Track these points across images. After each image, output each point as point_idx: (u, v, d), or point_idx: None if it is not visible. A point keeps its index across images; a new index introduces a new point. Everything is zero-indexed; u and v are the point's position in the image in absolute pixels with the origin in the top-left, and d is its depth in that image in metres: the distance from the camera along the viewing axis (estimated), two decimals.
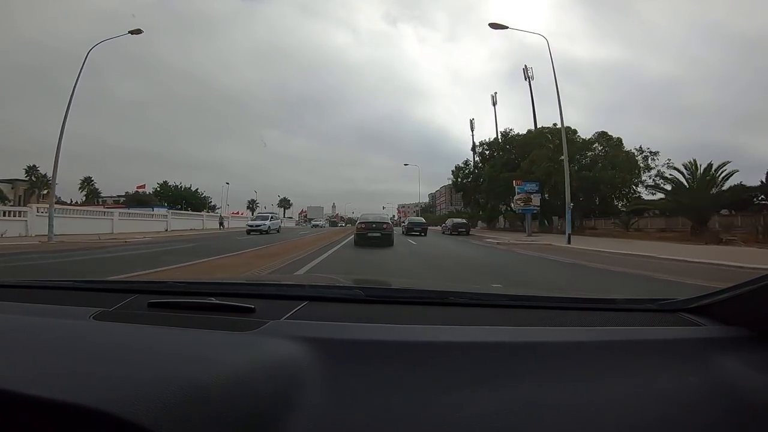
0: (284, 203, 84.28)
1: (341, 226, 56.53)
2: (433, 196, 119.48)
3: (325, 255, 9.12)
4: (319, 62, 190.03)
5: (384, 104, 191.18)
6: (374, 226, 12.47)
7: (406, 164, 46.58)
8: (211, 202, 54.25)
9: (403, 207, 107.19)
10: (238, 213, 58.43)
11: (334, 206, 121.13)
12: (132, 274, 5.11)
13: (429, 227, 23.47)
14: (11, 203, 32.03)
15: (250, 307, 0.76)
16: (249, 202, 74.54)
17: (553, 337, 0.67)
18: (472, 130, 40.56)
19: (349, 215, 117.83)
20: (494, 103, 38.03)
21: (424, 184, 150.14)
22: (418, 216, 35.18)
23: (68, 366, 0.50)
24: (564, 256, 9.92)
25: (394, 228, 15.38)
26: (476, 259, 9.64)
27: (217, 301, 0.79)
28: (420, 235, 19.99)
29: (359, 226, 12.94)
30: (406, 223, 24.14)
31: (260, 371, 0.52)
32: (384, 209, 55.70)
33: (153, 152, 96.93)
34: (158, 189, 47.59)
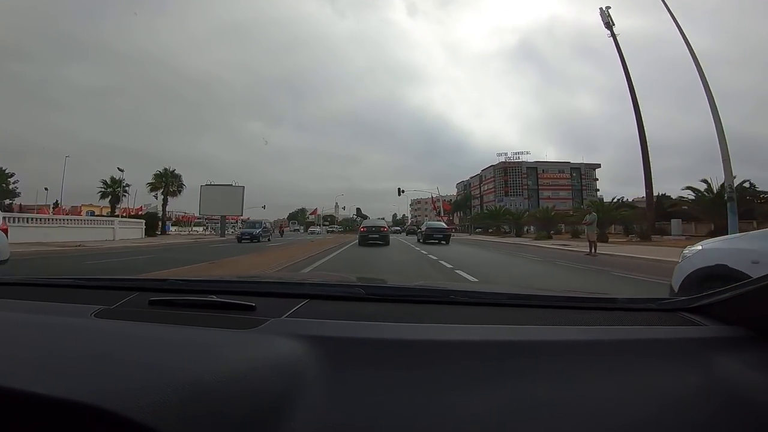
0: (162, 182, 36.83)
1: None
2: (465, 185, 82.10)
3: None
4: (299, 39, 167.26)
5: (374, 91, 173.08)
6: (374, 229, 17.09)
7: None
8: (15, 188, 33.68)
9: (450, 201, 71.87)
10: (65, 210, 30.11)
11: (337, 205, 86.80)
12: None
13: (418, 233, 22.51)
14: None
15: (251, 305, 0.76)
16: (106, 183, 35.38)
17: (554, 336, 0.67)
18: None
19: (341, 214, 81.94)
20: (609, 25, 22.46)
21: (425, 183, 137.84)
22: (435, 220, 28.44)
23: (70, 363, 0.50)
24: None
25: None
26: None
27: (218, 299, 0.79)
28: (441, 244, 17.56)
29: (362, 229, 17.53)
30: (423, 229, 20.44)
31: (261, 369, 0.52)
32: (402, 193, 39.93)
33: (129, 149, 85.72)
34: None
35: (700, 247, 3.04)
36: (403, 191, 38.20)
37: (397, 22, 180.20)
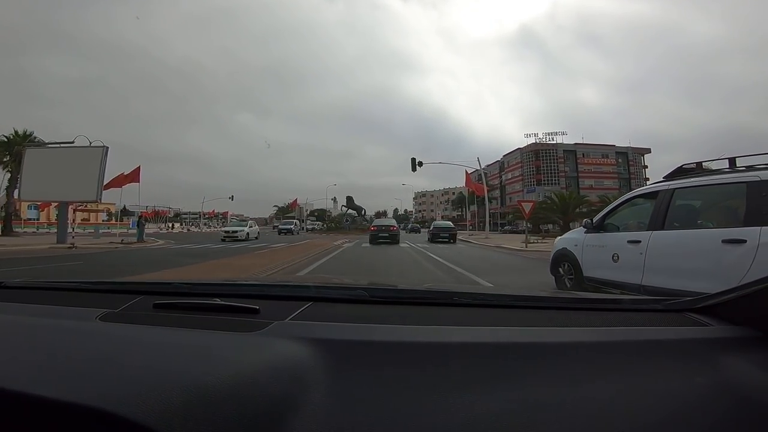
0: (6, 153, 19.31)
1: None
2: (481, 175, 68.51)
3: None
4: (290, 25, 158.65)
5: (367, 82, 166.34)
6: (383, 228, 18.12)
7: None
8: None
9: (461, 193, 59.94)
10: None
11: (335, 200, 74.36)
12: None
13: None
14: None
15: (255, 308, 0.76)
16: None
17: (559, 338, 0.67)
18: None
19: (330, 207, 68.43)
20: None
21: (424, 178, 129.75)
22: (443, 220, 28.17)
23: (74, 366, 0.50)
24: None
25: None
26: None
27: (222, 302, 0.79)
28: (449, 242, 18.38)
29: (372, 228, 18.53)
30: (431, 228, 21.80)
31: (265, 372, 0.52)
32: (420, 167, 26.32)
33: (114, 142, 63.43)
34: None
35: (560, 237, 5.45)
36: (420, 164, 25.48)
37: (389, 7, 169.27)
